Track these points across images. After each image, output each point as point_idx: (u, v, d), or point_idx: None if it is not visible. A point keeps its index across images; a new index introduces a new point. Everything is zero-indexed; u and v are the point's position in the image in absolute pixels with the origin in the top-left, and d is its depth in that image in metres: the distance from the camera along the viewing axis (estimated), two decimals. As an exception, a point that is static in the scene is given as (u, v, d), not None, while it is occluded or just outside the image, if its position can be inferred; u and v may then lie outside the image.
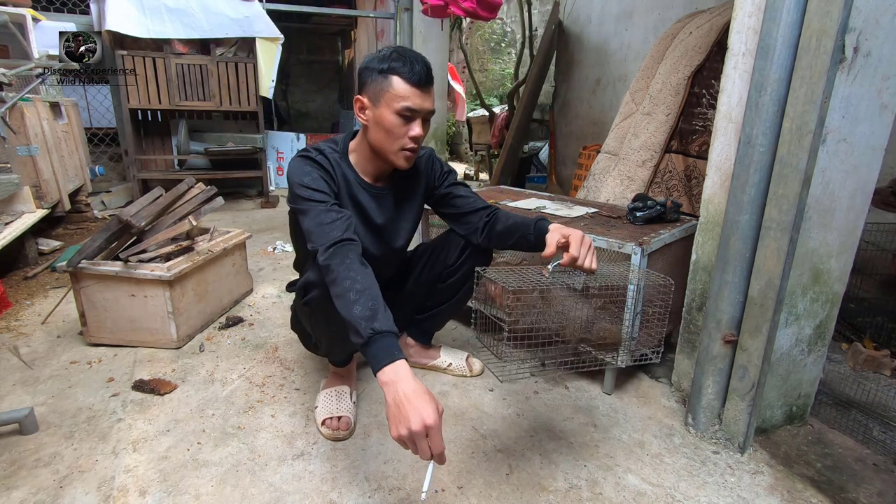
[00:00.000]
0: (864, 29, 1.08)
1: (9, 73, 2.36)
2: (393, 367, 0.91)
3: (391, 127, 1.20)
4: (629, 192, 2.24)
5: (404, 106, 1.17)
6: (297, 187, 1.19)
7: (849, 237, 1.27)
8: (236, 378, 1.61)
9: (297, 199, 1.19)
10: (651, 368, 1.72)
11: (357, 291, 1.00)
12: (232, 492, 1.15)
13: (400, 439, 0.87)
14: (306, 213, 1.16)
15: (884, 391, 1.54)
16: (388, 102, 1.18)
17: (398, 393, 0.88)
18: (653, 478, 1.23)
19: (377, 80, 1.18)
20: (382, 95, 1.18)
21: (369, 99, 1.21)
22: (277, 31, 4.06)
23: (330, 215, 1.15)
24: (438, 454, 0.87)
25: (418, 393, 0.88)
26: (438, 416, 0.87)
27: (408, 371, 0.91)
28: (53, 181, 2.86)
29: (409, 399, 0.87)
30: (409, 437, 0.86)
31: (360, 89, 1.24)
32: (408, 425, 0.85)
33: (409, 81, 1.17)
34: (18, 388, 1.53)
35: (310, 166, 1.22)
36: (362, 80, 1.22)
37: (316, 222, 1.14)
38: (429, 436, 0.86)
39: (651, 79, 2.38)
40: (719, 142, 1.34)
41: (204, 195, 1.94)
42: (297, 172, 1.20)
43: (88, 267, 1.67)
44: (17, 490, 1.14)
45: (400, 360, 0.92)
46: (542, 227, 1.24)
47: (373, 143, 1.25)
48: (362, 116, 1.24)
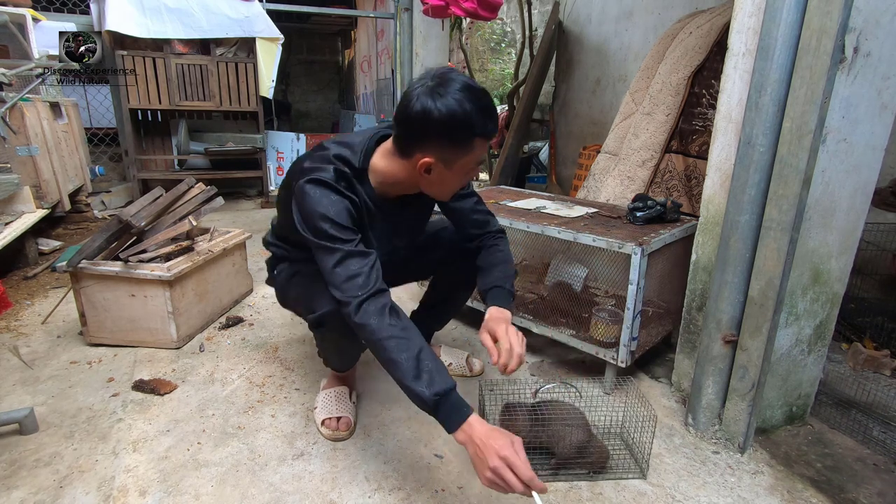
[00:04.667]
0: (864, 29, 1.08)
1: (9, 73, 2.36)
2: (467, 423, 0.94)
3: (455, 185, 1.13)
4: (629, 192, 2.24)
5: (477, 162, 1.08)
6: (321, 220, 1.04)
7: (849, 237, 1.27)
8: (236, 378, 1.61)
9: (320, 235, 1.05)
10: (651, 368, 1.72)
11: (408, 356, 0.98)
12: (232, 492, 1.15)
13: (491, 483, 0.90)
14: (331, 253, 1.05)
15: (884, 391, 1.54)
16: (464, 166, 1.07)
17: (475, 442, 0.92)
18: (653, 478, 1.22)
19: (455, 143, 1.03)
20: (460, 160, 1.05)
21: (440, 160, 1.04)
22: (277, 31, 4.06)
23: (357, 262, 1.04)
24: (529, 480, 0.88)
25: (491, 434, 0.92)
26: (513, 446, 0.90)
27: (479, 421, 0.95)
28: (53, 181, 2.86)
29: (484, 443, 0.91)
30: (493, 476, 0.88)
31: (421, 141, 1.03)
32: (488, 465, 0.89)
33: (489, 138, 1.05)
34: (18, 388, 1.53)
35: (335, 196, 1.07)
36: (426, 133, 1.02)
37: (343, 269, 1.04)
38: (512, 468, 0.88)
39: (651, 79, 2.38)
40: (719, 142, 1.34)
41: (204, 195, 1.94)
42: (319, 202, 1.05)
43: (88, 267, 1.67)
44: (17, 490, 1.14)
45: (471, 416, 0.95)
46: (490, 299, 1.22)
47: (422, 186, 1.14)
48: (425, 174, 1.07)
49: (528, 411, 1.22)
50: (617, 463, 1.26)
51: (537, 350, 1.83)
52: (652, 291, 1.62)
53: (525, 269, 2.14)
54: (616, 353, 1.49)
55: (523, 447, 0.92)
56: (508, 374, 1.08)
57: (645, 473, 1.22)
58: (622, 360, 1.48)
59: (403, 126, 1.05)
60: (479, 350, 1.81)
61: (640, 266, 1.40)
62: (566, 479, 1.21)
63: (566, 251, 1.98)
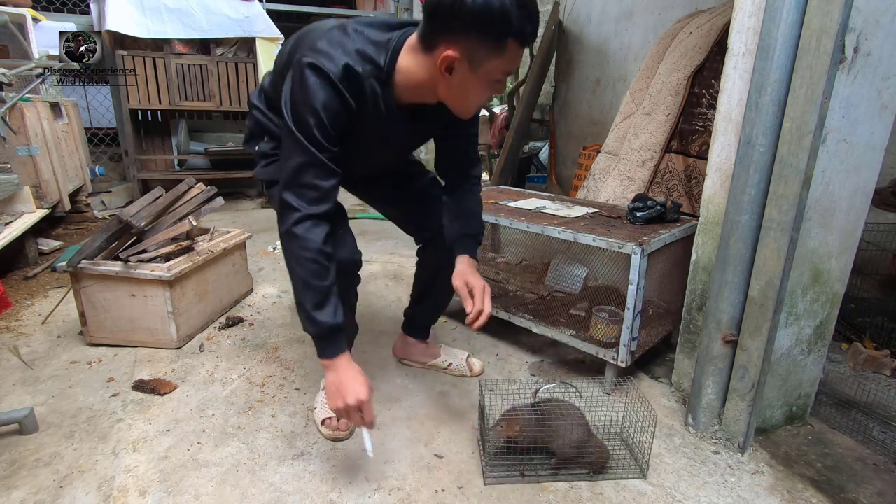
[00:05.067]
0: (864, 29, 1.08)
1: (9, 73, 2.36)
2: (339, 358, 1.09)
3: (478, 97, 1.02)
4: (629, 192, 2.24)
5: (505, 72, 0.97)
6: (309, 114, 0.96)
7: (849, 237, 1.27)
8: (236, 378, 1.61)
9: (301, 127, 0.98)
10: (651, 368, 1.72)
11: (321, 286, 1.05)
12: (232, 492, 1.15)
13: (336, 410, 1.07)
14: (302, 152, 0.99)
15: (884, 391, 1.54)
16: (491, 73, 0.96)
17: (339, 375, 1.07)
18: (653, 478, 1.22)
19: (487, 40, 0.91)
20: (488, 62, 0.94)
21: (466, 58, 0.94)
22: (277, 31, 4.06)
23: (324, 175, 1.01)
24: (370, 422, 1.08)
25: (354, 376, 1.07)
26: (369, 392, 1.06)
27: (349, 362, 1.10)
28: (53, 181, 2.86)
29: (347, 382, 1.06)
30: (344, 409, 1.06)
31: (449, 30, 0.92)
32: (345, 401, 1.05)
33: (524, 44, 0.94)
34: (18, 388, 1.53)
35: (334, 95, 0.97)
36: (455, 21, 0.90)
37: (308, 174, 1.01)
38: (362, 409, 1.06)
39: (651, 79, 2.38)
40: (719, 142, 1.34)
41: (204, 195, 1.94)
42: (315, 95, 0.96)
43: (88, 267, 1.67)
44: (17, 490, 1.14)
45: (345, 354, 1.09)
46: (460, 247, 1.28)
47: (440, 93, 1.03)
48: (445, 74, 0.96)
49: (528, 411, 1.22)
50: (617, 463, 1.26)
51: (537, 350, 1.83)
52: (652, 291, 1.62)
53: (525, 269, 2.14)
54: (616, 353, 1.49)
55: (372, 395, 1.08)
56: (474, 330, 1.20)
57: (645, 473, 1.22)
58: (622, 360, 1.48)
59: (431, 13, 0.94)
60: (479, 350, 1.81)
61: (640, 266, 1.40)
62: (566, 479, 1.21)
63: (566, 251, 1.98)
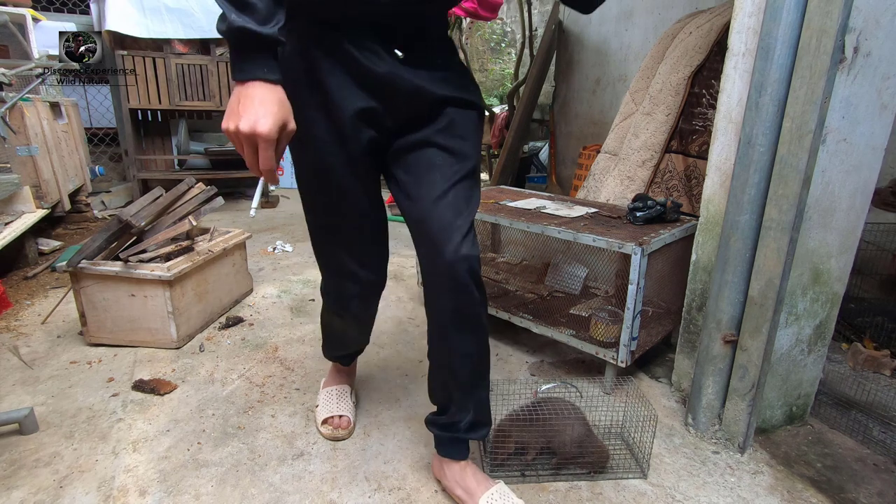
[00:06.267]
0: (864, 29, 1.08)
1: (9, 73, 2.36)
2: (252, 82, 0.77)
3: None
4: (629, 192, 2.24)
5: None
6: None
7: (849, 237, 1.27)
8: (236, 378, 1.61)
9: None
10: (651, 368, 1.72)
11: None
12: (232, 492, 1.15)
13: (227, 132, 0.78)
14: None
15: (884, 391, 1.54)
16: None
17: (249, 93, 0.76)
18: (653, 478, 1.23)
19: None
20: None
21: None
22: (277, 31, 4.06)
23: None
24: (266, 171, 0.79)
25: (268, 100, 0.76)
26: (276, 131, 0.77)
27: (271, 87, 0.78)
28: (53, 181, 2.86)
29: (255, 101, 0.76)
30: (234, 134, 0.77)
31: None
32: (237, 122, 0.76)
33: None
34: (18, 388, 1.53)
35: None
36: None
37: None
38: (259, 148, 0.77)
39: (651, 79, 2.38)
40: (719, 142, 1.34)
41: (204, 195, 1.94)
42: None
43: (88, 267, 1.67)
44: (17, 490, 1.14)
45: (265, 81, 0.77)
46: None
47: None
48: None
49: (528, 411, 1.22)
50: (617, 463, 1.26)
51: (537, 350, 1.83)
52: (652, 291, 1.62)
53: (525, 269, 2.14)
54: (616, 353, 1.49)
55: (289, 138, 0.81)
56: None
57: (645, 473, 1.22)
58: (622, 360, 1.48)
59: None
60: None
61: (640, 266, 1.40)
62: (566, 478, 1.21)
63: (566, 251, 1.98)
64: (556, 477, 1.21)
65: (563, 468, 1.21)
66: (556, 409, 1.22)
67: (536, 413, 1.20)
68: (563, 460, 1.20)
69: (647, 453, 1.23)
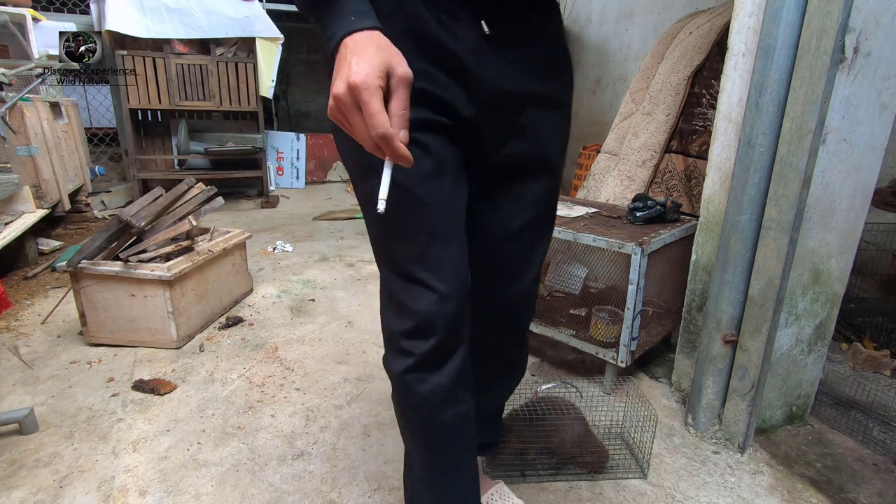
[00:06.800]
0: (864, 29, 1.08)
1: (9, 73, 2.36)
2: (359, 32, 0.57)
3: None
4: (629, 192, 2.24)
5: None
6: None
7: (849, 237, 1.27)
8: (236, 378, 1.61)
9: None
10: (651, 368, 1.72)
11: None
12: (232, 492, 1.15)
13: (331, 116, 0.58)
14: None
15: (884, 391, 1.54)
16: None
17: (341, 55, 0.57)
18: (653, 478, 1.22)
19: None
20: None
21: None
22: (277, 31, 4.06)
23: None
24: (380, 137, 0.54)
25: (362, 49, 0.56)
26: (377, 77, 0.54)
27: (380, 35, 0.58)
28: (53, 181, 2.86)
29: (346, 59, 0.55)
30: (336, 109, 0.56)
31: None
32: (332, 91, 0.56)
33: None
34: (18, 388, 1.53)
35: None
36: None
37: None
38: (362, 106, 0.54)
39: (651, 79, 2.38)
40: (719, 142, 1.34)
41: (204, 195, 1.94)
42: None
43: (88, 267, 1.67)
44: (17, 490, 1.14)
45: (370, 30, 0.58)
46: None
47: None
48: None
49: (528, 411, 1.22)
50: (617, 463, 1.26)
51: (537, 350, 1.83)
52: (652, 291, 1.62)
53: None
54: (616, 353, 1.49)
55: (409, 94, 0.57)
56: None
57: (645, 473, 1.22)
58: (622, 360, 1.48)
59: None
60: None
61: (640, 266, 1.40)
62: (566, 478, 1.21)
63: (566, 251, 1.98)
64: (556, 477, 1.21)
65: (563, 468, 1.21)
66: (556, 408, 1.22)
67: (536, 413, 1.20)
68: (563, 460, 1.20)
69: (646, 453, 1.23)
